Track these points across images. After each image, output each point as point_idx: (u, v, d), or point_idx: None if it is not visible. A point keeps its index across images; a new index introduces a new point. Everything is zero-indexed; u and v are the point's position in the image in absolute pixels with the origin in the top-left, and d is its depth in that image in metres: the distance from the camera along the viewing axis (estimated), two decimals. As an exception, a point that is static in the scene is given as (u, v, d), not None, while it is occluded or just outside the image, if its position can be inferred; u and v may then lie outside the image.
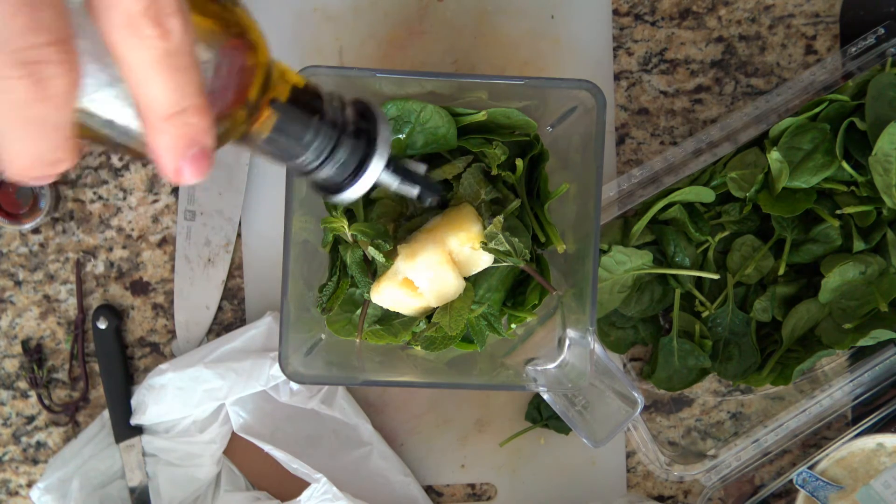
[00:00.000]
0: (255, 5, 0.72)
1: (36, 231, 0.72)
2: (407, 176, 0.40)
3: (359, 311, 0.60)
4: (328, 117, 0.36)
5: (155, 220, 0.72)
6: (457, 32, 0.72)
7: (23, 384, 0.73)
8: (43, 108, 0.22)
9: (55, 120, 0.22)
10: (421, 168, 0.41)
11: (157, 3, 0.23)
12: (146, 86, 0.24)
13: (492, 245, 0.55)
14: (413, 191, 0.41)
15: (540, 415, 0.73)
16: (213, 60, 0.29)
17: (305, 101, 0.35)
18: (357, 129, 0.37)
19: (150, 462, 0.71)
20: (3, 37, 0.21)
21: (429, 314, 0.58)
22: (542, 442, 0.74)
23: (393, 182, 0.39)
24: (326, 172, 0.37)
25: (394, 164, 0.39)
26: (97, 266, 0.73)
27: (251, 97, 0.32)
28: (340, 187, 0.38)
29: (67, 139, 0.23)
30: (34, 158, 0.23)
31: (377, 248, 0.56)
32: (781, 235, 0.68)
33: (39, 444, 0.74)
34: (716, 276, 0.67)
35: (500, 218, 0.55)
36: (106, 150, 0.68)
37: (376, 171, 0.37)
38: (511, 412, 0.73)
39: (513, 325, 0.61)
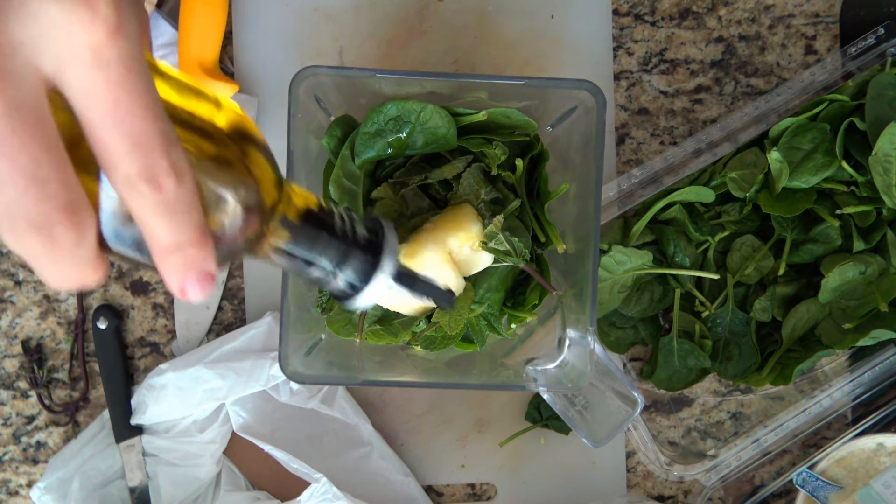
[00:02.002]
0: (256, 5, 0.73)
1: (36, 231, 0.72)
2: (415, 287, 0.42)
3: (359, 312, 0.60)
4: (338, 233, 0.38)
5: (155, 220, 0.72)
6: (457, 32, 0.72)
7: (23, 384, 0.73)
8: (59, 255, 0.27)
9: (71, 260, 0.27)
10: (432, 280, 0.44)
11: (151, 167, 0.27)
12: (148, 226, 0.28)
13: (492, 245, 0.55)
14: (423, 299, 0.43)
15: (540, 415, 0.73)
16: (217, 199, 0.32)
17: (315, 220, 0.38)
18: (366, 243, 0.39)
19: (150, 462, 0.71)
20: (18, 205, 0.26)
21: (429, 314, 0.58)
22: (542, 442, 0.74)
23: (402, 290, 0.42)
24: (337, 284, 0.39)
25: (402, 276, 0.41)
26: (97, 266, 0.73)
27: (256, 226, 0.34)
28: (353, 295, 0.40)
29: (86, 269, 0.28)
30: (65, 283, 0.28)
31: None
32: (781, 235, 0.68)
33: (39, 444, 0.74)
34: (716, 276, 0.67)
35: (500, 217, 0.55)
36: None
37: (382, 283, 0.40)
38: (511, 412, 0.73)
39: (513, 325, 0.61)
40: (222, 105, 0.34)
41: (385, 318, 0.60)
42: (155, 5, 0.69)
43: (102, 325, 0.71)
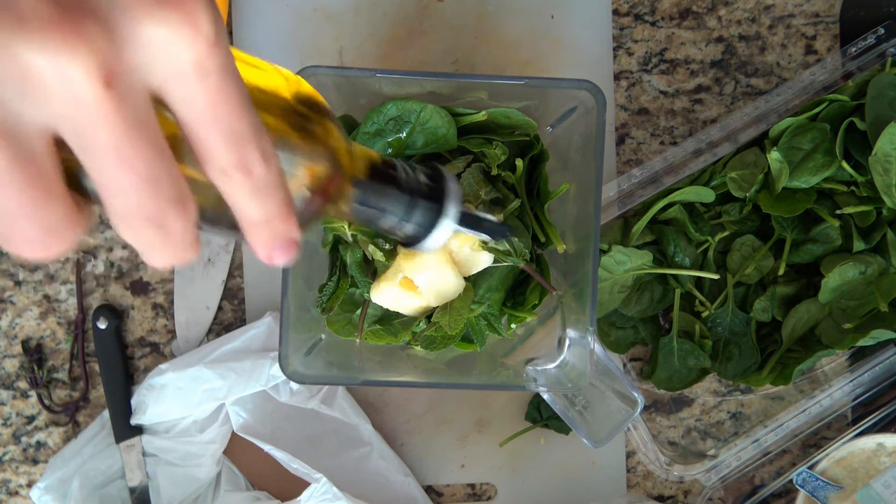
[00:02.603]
0: (256, 5, 0.73)
1: (36, 231, 0.72)
2: (476, 225, 0.45)
3: (359, 311, 0.60)
4: (403, 184, 0.41)
5: (155, 220, 0.72)
6: (457, 32, 0.72)
7: (23, 384, 0.73)
8: (169, 240, 0.30)
9: (178, 243, 0.31)
10: (489, 217, 0.47)
11: (243, 157, 0.30)
12: (240, 206, 0.32)
13: (492, 244, 0.55)
14: (483, 236, 0.47)
15: (540, 415, 0.73)
16: (300, 172, 0.35)
17: (381, 175, 0.40)
18: (429, 190, 0.42)
19: (150, 462, 0.71)
20: (137, 206, 0.29)
21: (429, 314, 0.58)
22: (542, 442, 0.74)
23: (466, 231, 0.45)
24: (407, 230, 0.42)
25: (464, 217, 0.44)
26: (97, 266, 0.73)
27: (333, 191, 0.37)
28: (420, 241, 0.43)
29: (188, 248, 0.32)
30: (170, 264, 0.32)
31: (377, 247, 0.56)
32: (781, 235, 0.68)
33: (39, 444, 0.74)
34: (716, 276, 0.67)
35: (500, 216, 0.55)
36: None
37: (449, 225, 0.43)
38: (511, 412, 0.73)
39: (513, 325, 0.61)
40: (290, 79, 0.37)
41: (385, 318, 0.60)
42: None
43: (102, 325, 0.71)
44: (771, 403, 0.72)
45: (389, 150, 0.57)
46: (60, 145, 0.29)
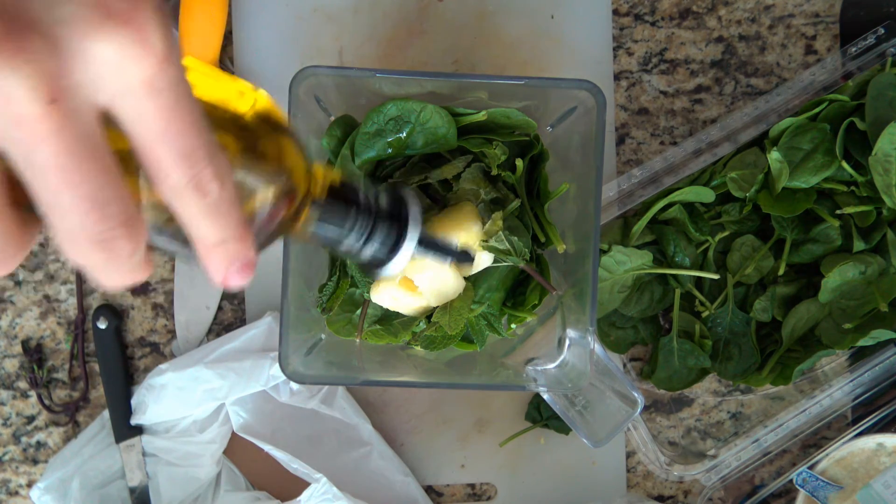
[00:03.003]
0: (256, 5, 0.73)
1: (36, 231, 0.72)
2: (438, 250, 0.45)
3: (359, 311, 0.60)
4: (363, 207, 0.41)
5: (155, 220, 0.72)
6: (457, 32, 0.72)
7: (23, 384, 0.73)
8: (117, 263, 0.29)
9: (127, 264, 0.30)
10: (451, 242, 0.47)
11: (197, 176, 0.30)
12: (194, 227, 0.31)
13: (492, 242, 0.55)
14: (445, 261, 0.46)
15: (540, 415, 0.73)
16: (254, 191, 0.34)
17: (342, 196, 0.40)
18: (390, 214, 0.42)
19: (150, 462, 0.71)
20: (82, 227, 0.28)
21: (429, 314, 0.58)
22: (542, 442, 0.74)
23: (426, 255, 0.44)
24: (367, 253, 0.41)
25: (425, 242, 0.44)
26: (97, 266, 0.73)
27: (291, 211, 0.36)
28: (381, 265, 0.42)
29: (138, 270, 0.31)
30: (119, 284, 0.31)
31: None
32: (781, 235, 0.68)
33: (39, 444, 0.74)
34: (716, 276, 0.67)
35: (500, 214, 0.55)
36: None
37: (409, 251, 0.42)
38: (511, 412, 0.73)
39: (513, 325, 0.61)
40: (250, 96, 0.36)
41: (385, 318, 0.60)
42: (155, 5, 0.69)
43: (102, 325, 0.71)
44: (771, 403, 0.72)
45: (390, 150, 0.57)
46: (4, 158, 0.28)
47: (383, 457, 0.71)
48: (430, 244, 0.44)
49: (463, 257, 0.46)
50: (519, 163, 0.58)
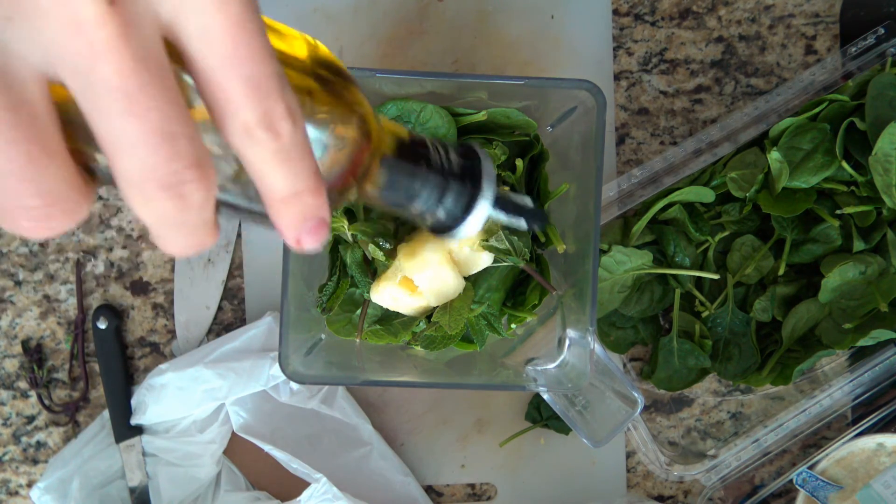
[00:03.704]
0: (255, 5, 0.72)
1: (36, 231, 0.72)
2: (514, 210, 0.41)
3: (359, 311, 0.60)
4: (434, 164, 0.37)
5: (155, 220, 0.72)
6: (457, 32, 0.72)
7: (23, 384, 0.73)
8: (187, 216, 0.26)
9: (197, 220, 0.26)
10: (527, 200, 0.43)
11: (269, 112, 0.26)
12: (264, 176, 0.27)
13: (491, 242, 0.55)
14: (521, 222, 0.42)
15: (540, 415, 0.73)
16: (326, 141, 0.31)
17: (411, 152, 0.36)
18: (463, 171, 0.38)
19: (150, 462, 0.71)
20: (150, 167, 0.24)
21: (429, 314, 0.58)
22: (542, 442, 0.74)
23: (501, 216, 0.41)
24: (439, 215, 0.38)
25: (501, 201, 0.40)
26: (97, 266, 0.73)
27: (363, 164, 0.33)
28: (454, 227, 0.39)
29: (208, 230, 0.27)
30: (185, 248, 0.27)
31: (377, 247, 0.56)
32: (781, 235, 0.68)
33: (39, 444, 0.74)
34: (716, 276, 0.67)
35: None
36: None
37: (484, 210, 0.39)
38: (511, 412, 0.73)
39: (513, 325, 0.61)
40: (310, 42, 0.33)
41: (385, 318, 0.60)
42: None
43: (102, 325, 0.71)
44: (771, 403, 0.72)
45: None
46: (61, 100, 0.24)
47: (383, 457, 0.71)
48: (505, 203, 0.40)
49: (538, 216, 0.42)
50: (519, 163, 0.58)
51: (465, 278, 0.57)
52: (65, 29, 0.22)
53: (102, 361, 0.71)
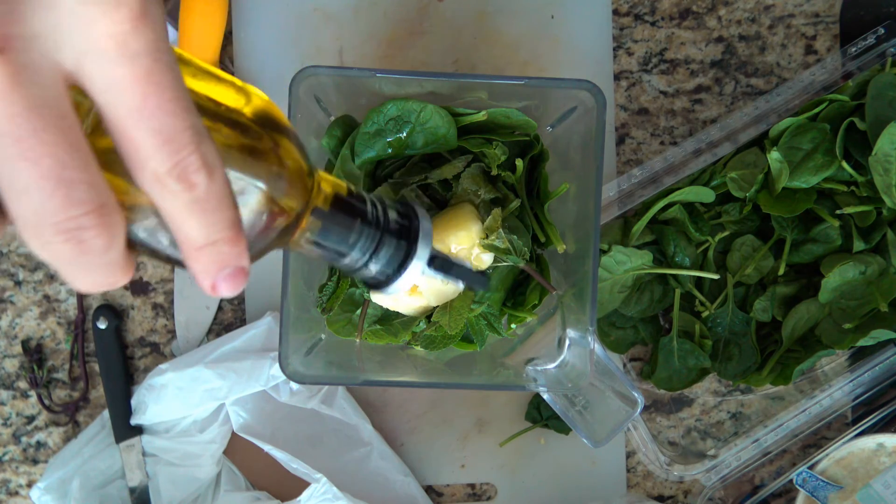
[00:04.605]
0: (256, 5, 0.73)
1: (36, 231, 0.72)
2: (450, 271, 0.41)
3: (359, 311, 0.60)
4: (370, 220, 0.37)
5: (155, 220, 0.72)
6: (457, 32, 0.72)
7: (23, 384, 0.73)
8: (89, 259, 0.25)
9: (101, 263, 0.26)
10: (465, 263, 0.42)
11: (182, 163, 0.25)
12: (180, 224, 0.27)
13: (491, 239, 0.55)
14: (457, 283, 0.42)
15: (540, 415, 0.73)
16: (250, 191, 0.31)
17: (346, 207, 0.36)
18: (399, 228, 0.38)
19: (150, 462, 0.71)
20: (44, 212, 0.24)
21: (429, 314, 0.58)
22: (542, 442, 0.74)
23: (437, 276, 0.41)
24: (371, 270, 0.38)
25: (436, 261, 0.40)
26: (97, 266, 0.73)
27: (290, 217, 0.33)
28: (386, 283, 0.39)
29: (115, 270, 0.27)
30: (93, 287, 0.27)
31: None
32: (781, 235, 0.68)
33: (39, 444, 0.74)
34: (716, 276, 0.67)
35: (499, 211, 0.55)
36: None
37: (417, 269, 0.39)
38: (511, 412, 0.73)
39: (513, 325, 0.61)
40: (248, 92, 0.33)
41: (385, 318, 0.60)
42: (155, 5, 0.69)
43: (102, 325, 0.71)
44: (771, 403, 0.72)
45: (390, 150, 0.57)
46: None
47: (383, 457, 0.71)
48: (441, 264, 0.40)
49: (477, 279, 0.42)
50: (519, 163, 0.58)
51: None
52: None
53: (102, 361, 0.71)
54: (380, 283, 0.39)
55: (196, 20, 0.68)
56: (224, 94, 0.32)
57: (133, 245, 0.29)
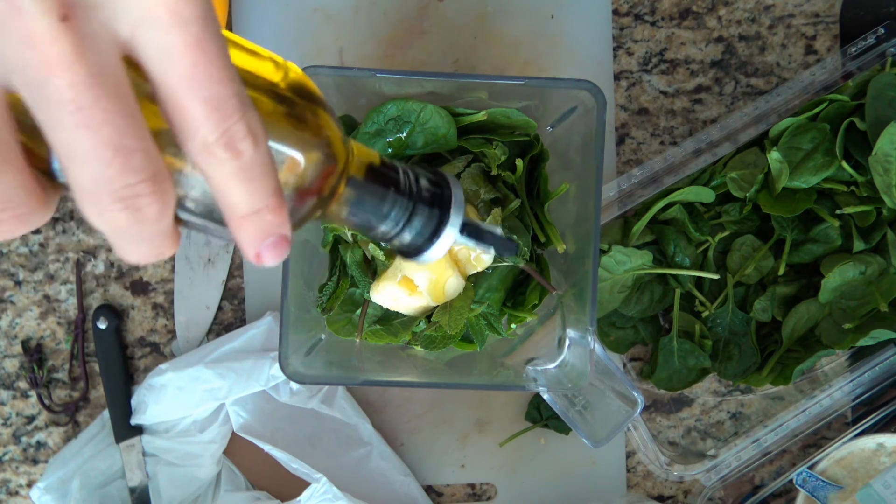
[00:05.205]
0: (256, 5, 0.73)
1: (36, 231, 0.73)
2: (482, 237, 0.41)
3: (359, 311, 0.60)
4: (403, 188, 0.38)
5: (155, 220, 0.72)
6: (457, 32, 0.72)
7: (23, 384, 0.73)
8: (142, 227, 0.26)
9: (153, 232, 0.27)
10: (496, 229, 0.43)
11: (229, 131, 0.26)
12: (225, 193, 0.28)
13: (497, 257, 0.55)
14: (489, 250, 0.43)
15: (540, 415, 0.73)
16: (290, 160, 0.31)
17: (380, 176, 0.37)
18: (431, 197, 0.39)
19: (150, 462, 0.71)
20: (102, 180, 0.25)
21: (429, 314, 0.58)
22: (542, 442, 0.74)
23: (468, 243, 0.41)
24: (405, 239, 0.39)
25: (468, 228, 0.41)
26: (97, 266, 0.73)
27: (328, 185, 0.34)
28: (420, 251, 0.40)
29: (165, 241, 0.28)
30: (143, 257, 0.28)
31: (377, 247, 0.56)
32: (781, 235, 0.68)
33: (39, 444, 0.74)
34: (716, 276, 0.67)
35: (499, 210, 0.55)
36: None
37: (451, 236, 0.39)
38: (511, 412, 0.73)
39: (513, 325, 0.61)
40: (284, 65, 0.34)
41: (385, 318, 0.60)
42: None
43: (102, 325, 0.71)
44: (771, 403, 0.72)
45: (389, 150, 0.57)
46: (19, 113, 0.25)
47: (383, 457, 0.71)
48: (473, 231, 0.41)
49: (507, 245, 0.43)
50: (519, 163, 0.58)
51: (465, 278, 0.57)
52: (19, 43, 0.23)
53: (102, 361, 0.71)
54: (413, 251, 0.40)
55: (196, 20, 0.68)
56: (262, 67, 0.33)
57: (181, 216, 0.30)
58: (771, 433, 0.69)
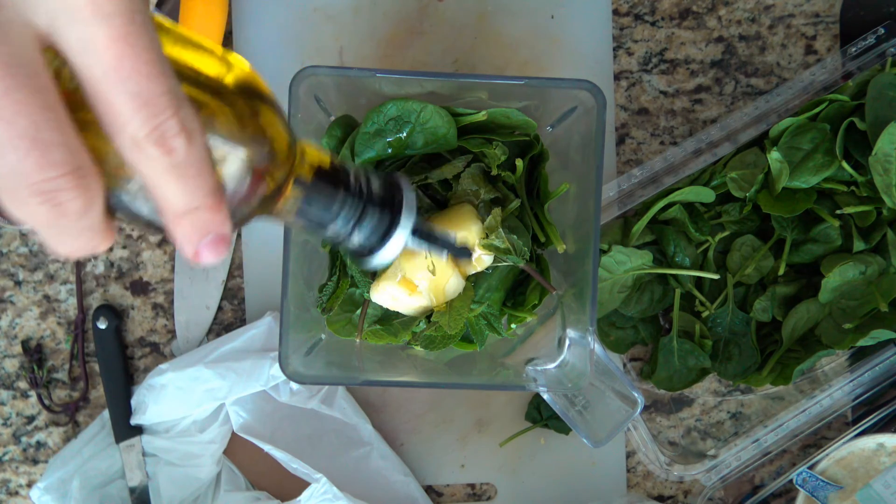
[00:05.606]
0: (256, 5, 0.73)
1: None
2: (434, 241, 0.42)
3: (359, 311, 0.60)
4: (353, 190, 0.38)
5: (155, 220, 0.72)
6: (457, 32, 0.72)
7: (23, 384, 0.73)
8: (66, 221, 0.25)
9: (79, 227, 0.26)
10: (449, 234, 0.43)
11: (160, 127, 0.25)
12: (160, 190, 0.27)
13: (491, 239, 0.55)
14: (441, 254, 0.43)
15: (540, 415, 0.73)
16: (230, 158, 0.31)
17: (329, 178, 0.37)
18: (382, 199, 0.39)
19: (150, 462, 0.71)
20: (19, 172, 0.24)
21: (429, 314, 0.58)
22: (542, 442, 0.74)
23: (421, 247, 0.41)
24: (356, 241, 0.39)
25: (420, 232, 0.41)
26: (97, 266, 0.73)
27: (272, 185, 0.33)
28: (371, 254, 0.40)
29: (95, 236, 0.27)
30: (72, 251, 0.27)
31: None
32: (781, 235, 0.68)
33: (39, 444, 0.74)
34: (716, 276, 0.67)
35: (499, 210, 0.55)
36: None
37: (402, 238, 0.39)
38: (511, 412, 0.73)
39: (513, 325, 0.61)
40: (229, 61, 0.33)
41: (385, 318, 0.60)
42: (155, 5, 0.69)
43: (102, 325, 0.71)
44: (771, 403, 0.72)
45: (390, 150, 0.57)
46: None
47: (383, 457, 0.71)
48: (425, 234, 0.41)
49: (461, 252, 0.43)
50: (519, 163, 0.58)
51: (465, 278, 0.57)
52: None
53: (102, 361, 0.71)
54: (364, 254, 0.40)
55: (196, 20, 0.68)
56: (205, 62, 0.32)
57: (115, 211, 0.29)
58: (771, 433, 0.69)
